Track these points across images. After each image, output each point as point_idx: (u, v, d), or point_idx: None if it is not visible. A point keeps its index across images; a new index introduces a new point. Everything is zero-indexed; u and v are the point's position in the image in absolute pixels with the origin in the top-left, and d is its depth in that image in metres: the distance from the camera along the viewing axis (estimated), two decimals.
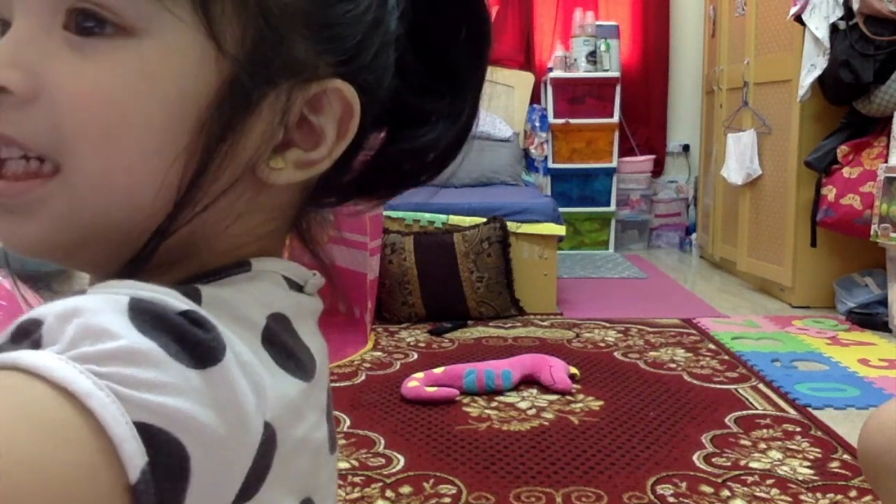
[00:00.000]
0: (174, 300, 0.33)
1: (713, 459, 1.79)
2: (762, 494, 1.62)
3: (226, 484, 0.33)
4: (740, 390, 2.26)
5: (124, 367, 0.29)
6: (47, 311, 0.31)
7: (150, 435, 0.29)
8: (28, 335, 0.31)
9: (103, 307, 0.31)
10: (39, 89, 0.36)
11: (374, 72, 0.42)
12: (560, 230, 3.22)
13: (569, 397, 2.20)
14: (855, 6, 2.89)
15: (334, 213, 0.50)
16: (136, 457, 0.28)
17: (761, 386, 2.30)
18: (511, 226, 3.10)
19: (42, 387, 0.28)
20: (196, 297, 0.35)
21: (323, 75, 0.41)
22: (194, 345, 0.32)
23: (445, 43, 0.46)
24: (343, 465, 1.75)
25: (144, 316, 0.32)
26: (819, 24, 2.99)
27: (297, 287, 0.43)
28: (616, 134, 4.73)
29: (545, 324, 3.02)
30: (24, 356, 0.29)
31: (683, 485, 1.66)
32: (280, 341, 0.38)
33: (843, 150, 3.06)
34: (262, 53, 0.38)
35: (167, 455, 0.29)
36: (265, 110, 0.40)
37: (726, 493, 1.62)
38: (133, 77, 0.36)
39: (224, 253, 0.42)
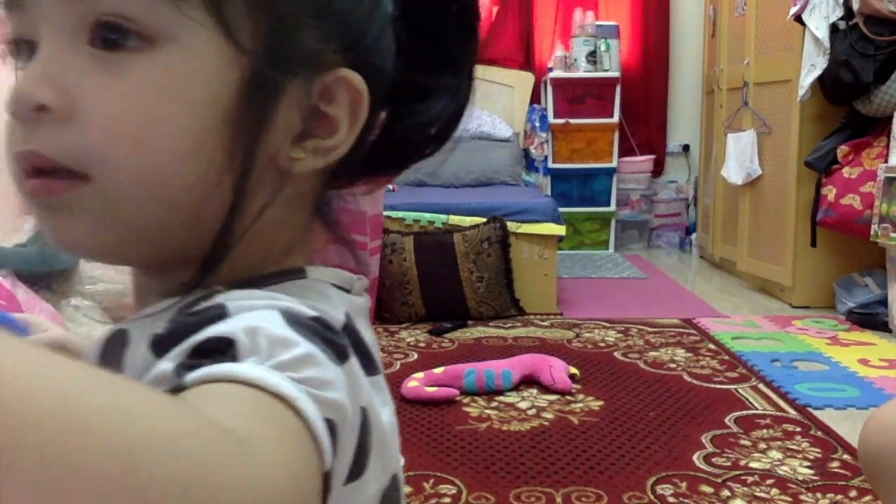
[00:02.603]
0: (303, 307, 0.37)
1: (713, 459, 1.79)
2: (762, 494, 1.62)
3: (344, 463, 0.36)
4: (740, 390, 2.26)
5: (310, 370, 0.34)
6: (230, 329, 0.34)
7: (331, 427, 0.33)
8: (222, 351, 0.34)
9: (271, 320, 0.35)
10: (74, 109, 0.38)
11: (377, 55, 0.45)
12: (560, 230, 3.22)
13: (569, 397, 2.20)
14: (855, 6, 2.89)
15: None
16: (328, 448, 0.32)
17: (761, 386, 2.30)
18: (511, 226, 3.10)
19: (260, 393, 0.32)
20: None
21: (331, 64, 0.43)
22: (333, 345, 0.36)
23: (436, 19, 0.48)
24: None
25: (298, 325, 0.36)
26: (819, 24, 2.99)
27: (345, 291, 0.46)
28: (616, 134, 4.73)
29: (545, 324, 3.02)
30: (238, 368, 0.32)
31: (683, 485, 1.66)
32: (357, 339, 0.41)
33: (843, 150, 3.06)
34: (276, 46, 0.40)
35: (337, 442, 0.34)
36: (284, 104, 0.42)
37: (726, 493, 1.62)
38: (161, 87, 0.39)
39: (259, 251, 0.44)
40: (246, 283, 0.41)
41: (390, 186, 3.33)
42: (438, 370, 2.26)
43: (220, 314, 0.36)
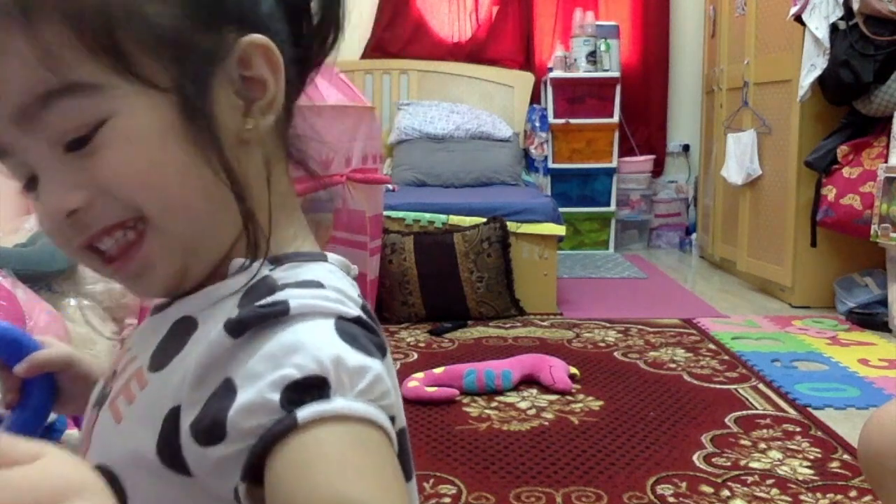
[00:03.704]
0: (344, 307, 0.48)
1: (713, 459, 1.79)
2: (762, 494, 1.62)
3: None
4: (740, 390, 2.26)
5: (377, 386, 0.45)
6: (323, 368, 0.44)
7: (392, 420, 0.47)
8: (321, 387, 0.44)
9: (340, 347, 0.46)
10: (95, 191, 0.49)
11: (262, 18, 0.53)
12: (560, 230, 3.22)
13: (569, 397, 2.20)
14: (855, 6, 2.89)
15: (334, 215, 0.59)
16: (395, 438, 0.46)
17: (761, 386, 2.30)
18: (511, 226, 3.10)
19: (358, 422, 0.45)
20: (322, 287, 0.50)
21: (232, 42, 0.51)
22: (379, 346, 0.48)
23: None
24: None
25: (355, 341, 0.46)
26: (819, 24, 2.99)
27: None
28: (616, 134, 4.73)
29: (545, 324, 3.02)
30: (338, 406, 0.44)
31: (683, 485, 1.66)
32: (370, 315, 0.51)
33: (843, 150, 3.06)
34: (184, 69, 0.49)
35: (397, 425, 0.47)
36: (219, 100, 0.50)
37: (726, 493, 1.62)
38: (129, 143, 0.48)
39: (273, 223, 0.54)
40: (283, 259, 0.52)
41: (390, 186, 3.33)
42: (438, 370, 2.26)
43: (284, 311, 0.46)
